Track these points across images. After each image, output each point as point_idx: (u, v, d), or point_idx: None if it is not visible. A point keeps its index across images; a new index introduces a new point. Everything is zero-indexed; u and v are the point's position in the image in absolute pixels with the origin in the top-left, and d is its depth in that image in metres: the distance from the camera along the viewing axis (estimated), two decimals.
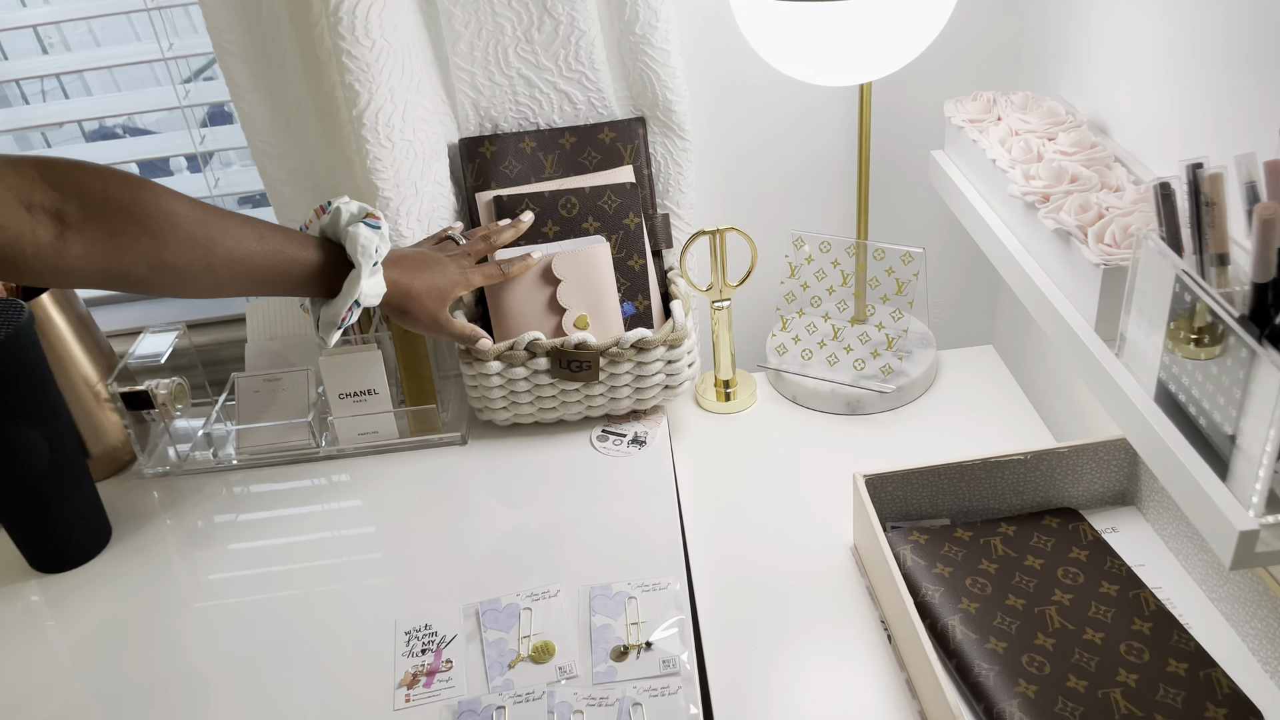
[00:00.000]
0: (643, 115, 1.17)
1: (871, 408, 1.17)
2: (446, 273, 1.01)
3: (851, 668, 0.88)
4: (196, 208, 0.86)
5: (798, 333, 1.24)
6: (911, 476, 0.97)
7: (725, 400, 1.21)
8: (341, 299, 0.92)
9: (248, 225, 0.89)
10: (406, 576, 0.97)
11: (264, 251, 0.89)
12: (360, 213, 0.94)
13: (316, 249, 0.93)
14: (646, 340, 1.07)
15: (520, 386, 1.09)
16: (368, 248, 0.92)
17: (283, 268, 0.90)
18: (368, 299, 0.93)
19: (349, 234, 0.92)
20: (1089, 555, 0.93)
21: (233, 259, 0.87)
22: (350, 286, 0.92)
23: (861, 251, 1.19)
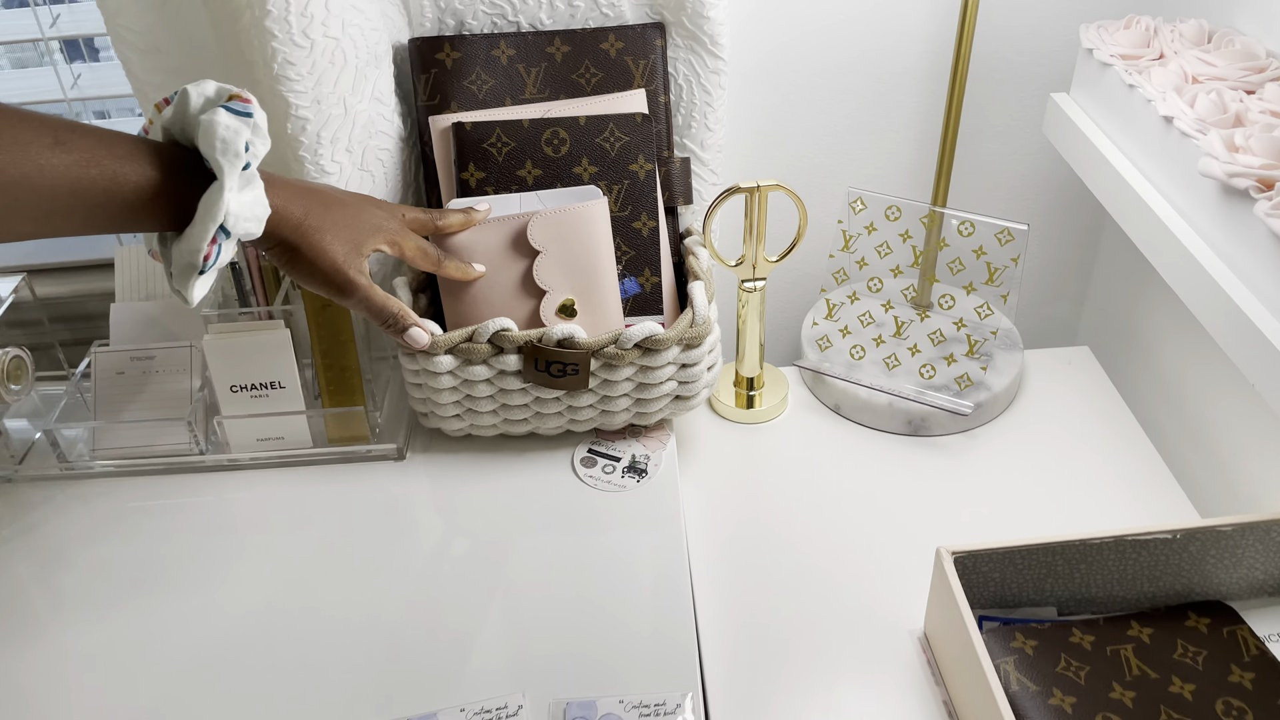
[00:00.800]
0: (662, 20, 0.86)
1: (939, 428, 0.90)
2: (366, 215, 0.72)
3: None
4: None
5: (847, 323, 0.95)
6: (1014, 555, 0.70)
7: (747, 405, 0.93)
8: (198, 225, 0.61)
9: (36, 124, 0.57)
10: (298, 662, 0.69)
11: (66, 165, 0.57)
12: (219, 96, 0.63)
13: (154, 157, 0.61)
14: (657, 339, 0.78)
15: (480, 391, 0.80)
16: (231, 144, 0.61)
17: (102, 188, 0.59)
18: (241, 224, 0.62)
19: (202, 124, 0.61)
20: (1255, 680, 0.67)
21: (9, 180, 0.55)
22: (210, 204, 0.61)
23: (940, 223, 0.90)
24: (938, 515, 0.83)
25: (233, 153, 0.61)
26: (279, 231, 0.67)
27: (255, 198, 0.63)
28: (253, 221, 0.63)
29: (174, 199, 0.61)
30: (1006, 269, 0.87)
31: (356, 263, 0.71)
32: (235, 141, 0.61)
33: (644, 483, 0.82)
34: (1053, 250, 1.06)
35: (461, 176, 0.83)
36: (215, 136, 0.60)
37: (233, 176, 0.61)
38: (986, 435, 0.90)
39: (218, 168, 0.60)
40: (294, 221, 0.67)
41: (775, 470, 0.88)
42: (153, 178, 0.60)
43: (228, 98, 0.63)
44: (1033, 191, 1.02)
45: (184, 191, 0.62)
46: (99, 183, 0.58)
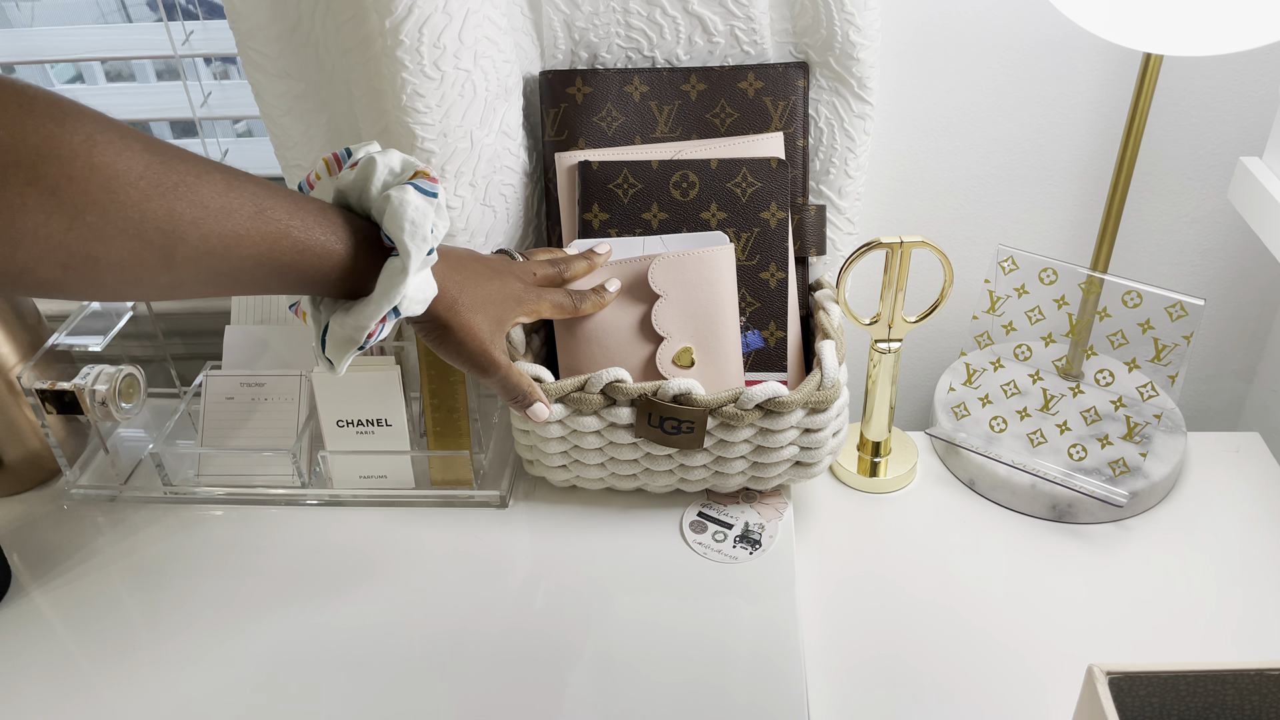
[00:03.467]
0: (807, 59, 0.81)
1: (1088, 516, 0.81)
2: (509, 286, 0.69)
3: None
4: (154, 159, 0.49)
5: (989, 391, 0.88)
6: (1178, 681, 0.62)
7: (870, 473, 0.86)
8: (374, 304, 0.58)
9: (239, 189, 0.53)
10: (379, 705, 0.66)
11: (260, 236, 0.54)
12: (405, 170, 0.60)
13: (340, 229, 0.58)
14: (780, 401, 0.72)
15: (589, 442, 0.76)
16: (420, 226, 0.58)
17: (289, 260, 0.56)
18: (412, 305, 0.59)
19: (391, 202, 0.58)
20: None
21: (209, 250, 0.51)
22: (390, 285, 0.57)
23: (1101, 290, 0.82)
24: (1083, 618, 0.74)
25: (420, 237, 0.57)
26: (435, 310, 0.63)
27: (426, 281, 0.60)
28: (420, 303, 0.60)
29: (352, 274, 0.58)
30: (1177, 347, 0.78)
31: (499, 341, 0.67)
32: (423, 225, 0.58)
33: (756, 555, 0.76)
34: (1223, 323, 0.96)
35: (585, 217, 0.80)
36: (405, 218, 0.57)
37: (417, 260, 0.57)
38: (1141, 528, 0.81)
39: (403, 250, 0.57)
40: (449, 300, 0.63)
41: (900, 547, 0.81)
42: (337, 252, 0.57)
43: (413, 174, 0.59)
44: (1204, 259, 0.92)
45: (362, 266, 0.59)
46: (288, 254, 0.55)
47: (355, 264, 0.58)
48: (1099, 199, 0.89)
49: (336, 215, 0.58)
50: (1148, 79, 0.74)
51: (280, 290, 0.58)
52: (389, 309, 0.58)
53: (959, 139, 0.88)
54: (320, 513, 0.82)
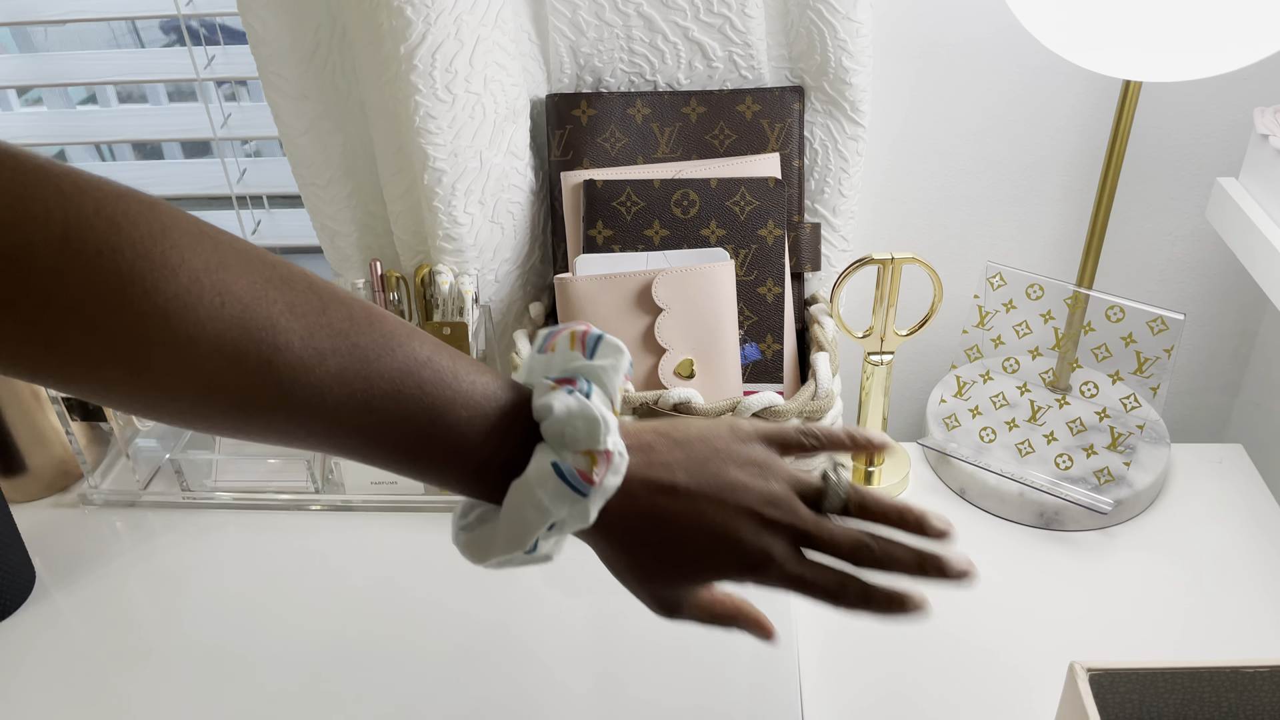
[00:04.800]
0: (802, 84, 0.84)
1: (1074, 524, 0.84)
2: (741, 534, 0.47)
3: None
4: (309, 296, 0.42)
5: (978, 403, 0.91)
6: (1157, 679, 0.64)
7: (865, 482, 0.89)
8: (524, 521, 0.44)
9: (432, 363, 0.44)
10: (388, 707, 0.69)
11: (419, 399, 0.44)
12: (588, 439, 0.44)
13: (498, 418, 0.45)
14: (776, 410, 0.75)
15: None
16: (560, 529, 0.45)
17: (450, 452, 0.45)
18: (570, 525, 0.45)
19: (551, 424, 0.44)
20: None
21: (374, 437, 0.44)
22: (548, 503, 0.44)
23: (1086, 305, 0.85)
24: (1069, 621, 0.77)
25: (516, 541, 0.45)
26: (601, 531, 0.47)
27: (553, 545, 0.47)
28: (553, 554, 0.47)
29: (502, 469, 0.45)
30: (1158, 360, 0.81)
31: (677, 596, 0.50)
32: (528, 533, 0.44)
33: None
34: (1206, 339, 0.99)
35: (589, 233, 0.83)
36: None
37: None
38: (1126, 535, 0.84)
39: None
40: (627, 527, 0.47)
41: None
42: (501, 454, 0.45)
43: (587, 452, 0.44)
44: (1187, 276, 0.95)
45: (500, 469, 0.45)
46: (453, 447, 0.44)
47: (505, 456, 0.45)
48: (1084, 218, 0.92)
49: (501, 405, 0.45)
50: (1127, 104, 0.77)
51: (424, 477, 0.46)
52: (544, 527, 0.44)
53: (949, 160, 0.91)
54: (333, 518, 0.85)
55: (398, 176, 0.82)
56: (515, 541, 0.44)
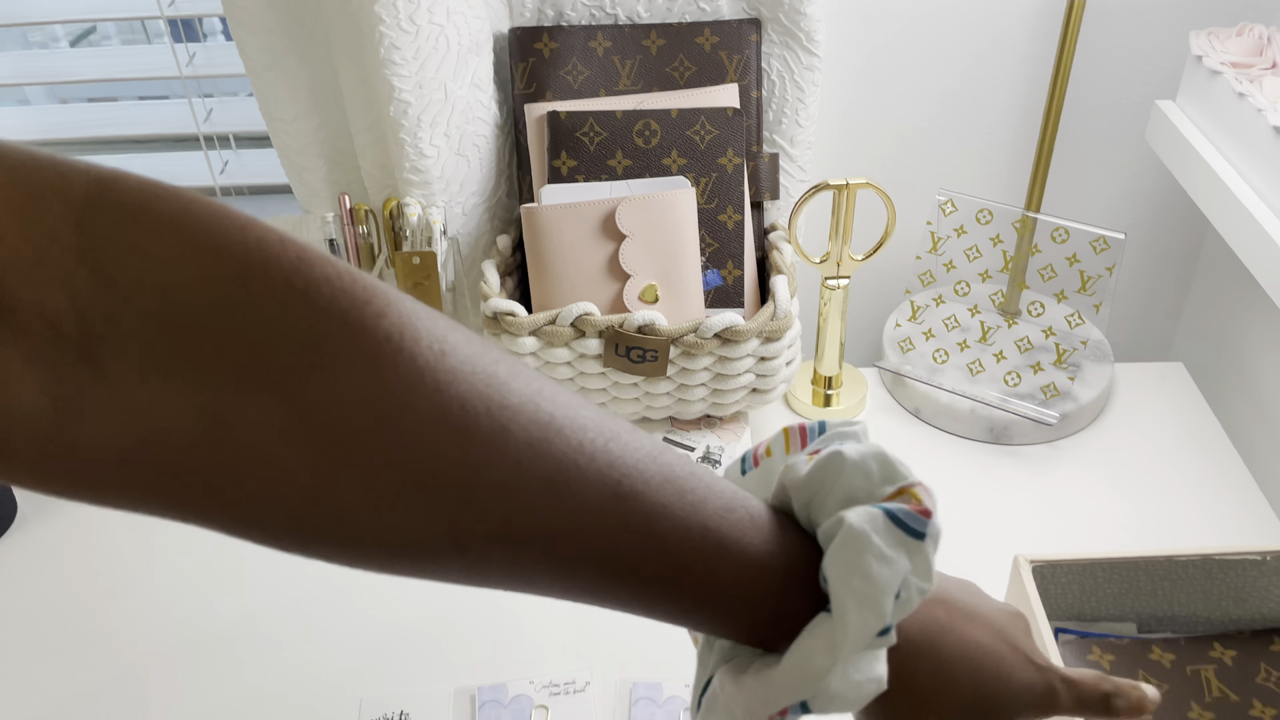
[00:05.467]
0: (758, 16, 0.86)
1: (1022, 438, 0.88)
2: (1010, 678, 0.40)
3: None
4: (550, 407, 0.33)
5: (931, 326, 0.94)
6: (1095, 568, 0.69)
7: (824, 404, 0.93)
8: (776, 682, 0.36)
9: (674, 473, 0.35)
10: (380, 640, 0.72)
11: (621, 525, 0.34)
12: (885, 479, 0.37)
13: (766, 540, 0.37)
14: (736, 330, 0.78)
15: (560, 373, 0.82)
16: (877, 595, 0.35)
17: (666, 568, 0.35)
18: (833, 702, 0.35)
19: (845, 532, 0.35)
20: None
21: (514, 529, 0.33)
22: (806, 664, 0.35)
23: (1033, 229, 0.89)
24: (1017, 525, 0.81)
25: (873, 609, 0.34)
26: (875, 703, 0.38)
27: (870, 663, 0.35)
28: (853, 702, 0.35)
29: (767, 616, 0.36)
30: (1100, 278, 0.85)
31: None
32: (883, 594, 0.35)
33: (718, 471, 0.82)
34: (1150, 263, 1.03)
35: (554, 164, 0.85)
36: (857, 576, 0.35)
37: (859, 637, 0.34)
38: (1071, 447, 0.88)
39: (840, 617, 0.35)
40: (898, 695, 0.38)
41: None
42: (747, 575, 0.36)
43: (897, 491, 0.37)
44: (1132, 201, 0.99)
45: (781, 610, 0.36)
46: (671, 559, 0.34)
47: (772, 603, 0.36)
48: (1031, 144, 0.95)
49: (765, 521, 0.36)
50: (1070, 29, 0.80)
51: (640, 611, 0.36)
52: (794, 701, 0.35)
53: (902, 90, 0.94)
54: None
55: (364, 110, 0.84)
56: (872, 614, 0.34)
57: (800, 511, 0.37)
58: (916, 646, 0.38)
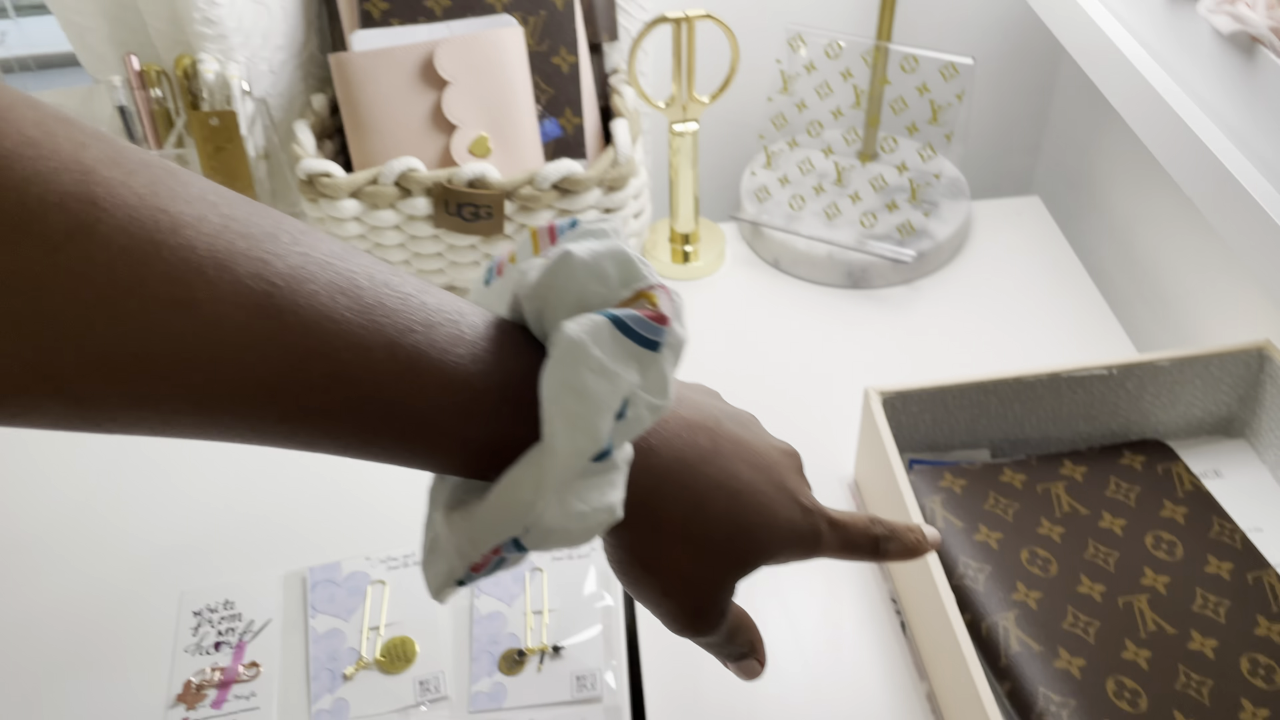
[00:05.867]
0: None
1: (881, 280, 0.86)
2: (775, 513, 0.37)
3: (850, 664, 0.61)
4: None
5: (786, 171, 0.91)
6: (945, 395, 0.68)
7: (683, 261, 0.89)
8: (481, 519, 0.30)
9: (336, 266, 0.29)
10: (202, 523, 0.66)
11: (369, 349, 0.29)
12: (626, 282, 0.32)
13: (484, 356, 0.31)
14: (575, 179, 0.73)
15: (389, 238, 0.75)
16: (589, 413, 0.30)
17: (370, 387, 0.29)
18: (552, 540, 0.31)
19: (558, 348, 0.30)
20: (1188, 515, 0.65)
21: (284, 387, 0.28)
22: (513, 499, 0.30)
23: (884, 60, 0.85)
24: (877, 366, 0.80)
25: (585, 431, 0.30)
26: (616, 536, 0.35)
27: (598, 497, 0.31)
28: (579, 535, 0.31)
29: (488, 446, 0.31)
30: (950, 107, 0.82)
31: (724, 597, 0.37)
32: (598, 414, 0.30)
33: None
34: (1007, 98, 1.01)
35: (364, 7, 0.77)
36: (569, 393, 0.30)
37: (569, 463, 0.30)
38: (929, 286, 0.87)
39: (547, 446, 0.30)
40: (644, 524, 0.34)
41: (712, 327, 0.84)
42: (461, 400, 0.30)
43: (635, 295, 0.32)
44: (987, 34, 0.96)
45: (509, 435, 0.31)
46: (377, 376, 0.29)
47: (486, 429, 0.31)
48: None
49: (483, 336, 0.31)
50: None
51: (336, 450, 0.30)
52: (504, 538, 0.30)
53: None
54: None
55: None
56: (583, 436, 0.29)
57: (534, 324, 0.32)
58: (669, 474, 0.34)
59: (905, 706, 0.59)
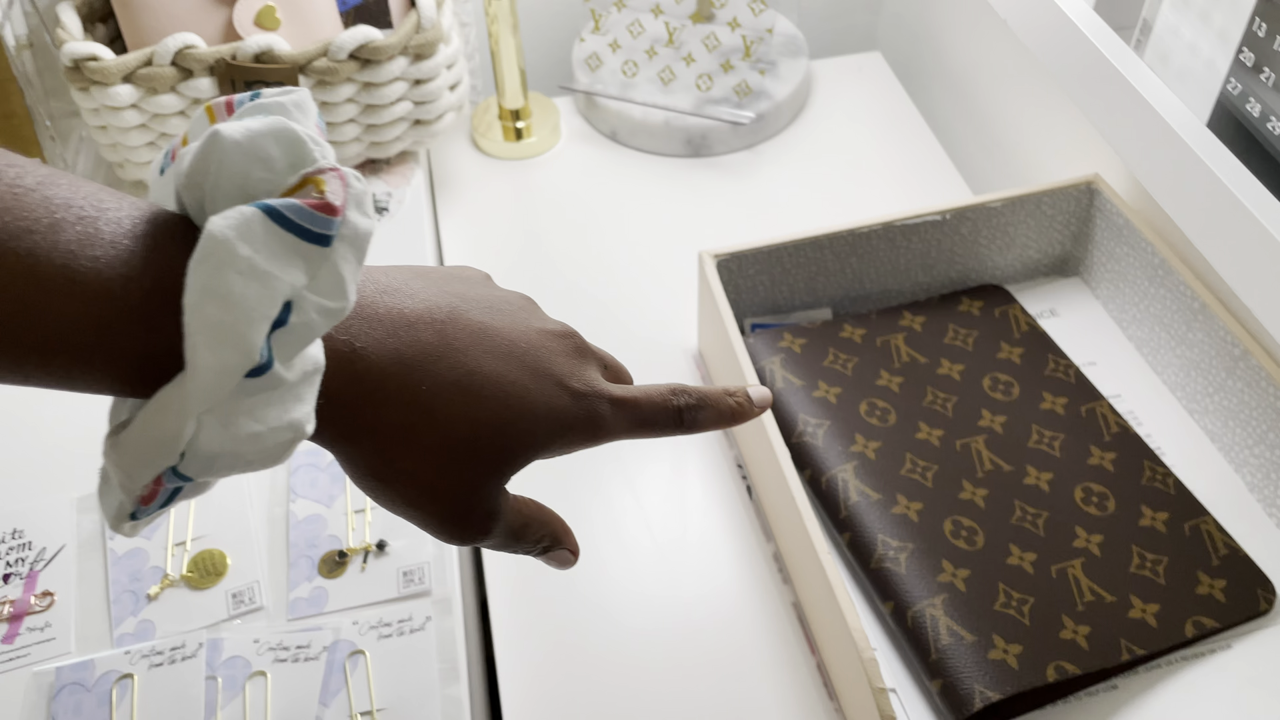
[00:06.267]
0: None
1: (722, 145, 0.83)
2: (536, 395, 0.33)
3: (697, 532, 0.59)
4: None
5: (617, 36, 0.86)
6: (781, 253, 0.65)
7: (515, 139, 0.84)
8: (130, 448, 0.26)
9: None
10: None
11: None
12: (295, 164, 0.27)
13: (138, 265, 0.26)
14: (375, 47, 0.67)
15: (174, 126, 0.68)
16: (237, 321, 0.25)
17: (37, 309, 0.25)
18: (220, 466, 0.27)
19: (200, 246, 0.26)
20: (1024, 355, 0.65)
21: None
22: (157, 424, 0.26)
23: None
24: (722, 235, 0.77)
25: (232, 343, 0.25)
26: (322, 439, 0.31)
27: (276, 414, 0.27)
28: (256, 458, 0.27)
29: (130, 359, 0.27)
30: None
31: (489, 498, 0.34)
32: (248, 323, 0.25)
33: (387, 221, 0.73)
34: None
35: None
36: (212, 300, 0.25)
37: (213, 389, 0.25)
38: (771, 150, 0.84)
39: (189, 363, 0.25)
40: (356, 422, 0.31)
41: (548, 205, 0.80)
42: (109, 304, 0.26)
43: (301, 182, 0.27)
44: None
45: (147, 346, 0.26)
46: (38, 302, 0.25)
47: (135, 341, 0.26)
48: None
49: (129, 235, 0.26)
50: None
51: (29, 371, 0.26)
52: (159, 469, 0.26)
53: None
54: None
55: None
56: (230, 349, 0.25)
57: (198, 219, 0.27)
58: (385, 378, 0.30)
59: (752, 569, 0.58)
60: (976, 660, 0.49)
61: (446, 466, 0.32)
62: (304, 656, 0.49)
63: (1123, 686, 0.51)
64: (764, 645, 0.54)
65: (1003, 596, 0.52)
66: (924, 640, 0.51)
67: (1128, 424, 0.61)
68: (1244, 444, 0.58)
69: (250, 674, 0.49)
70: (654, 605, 0.56)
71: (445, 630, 0.50)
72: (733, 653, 0.54)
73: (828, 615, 0.50)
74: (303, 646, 0.50)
